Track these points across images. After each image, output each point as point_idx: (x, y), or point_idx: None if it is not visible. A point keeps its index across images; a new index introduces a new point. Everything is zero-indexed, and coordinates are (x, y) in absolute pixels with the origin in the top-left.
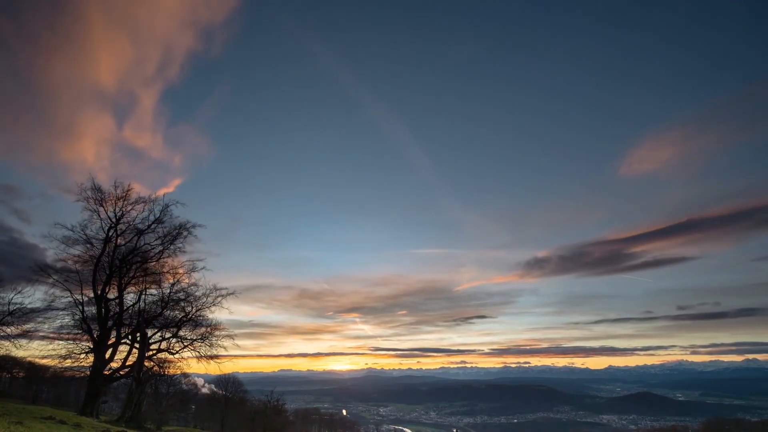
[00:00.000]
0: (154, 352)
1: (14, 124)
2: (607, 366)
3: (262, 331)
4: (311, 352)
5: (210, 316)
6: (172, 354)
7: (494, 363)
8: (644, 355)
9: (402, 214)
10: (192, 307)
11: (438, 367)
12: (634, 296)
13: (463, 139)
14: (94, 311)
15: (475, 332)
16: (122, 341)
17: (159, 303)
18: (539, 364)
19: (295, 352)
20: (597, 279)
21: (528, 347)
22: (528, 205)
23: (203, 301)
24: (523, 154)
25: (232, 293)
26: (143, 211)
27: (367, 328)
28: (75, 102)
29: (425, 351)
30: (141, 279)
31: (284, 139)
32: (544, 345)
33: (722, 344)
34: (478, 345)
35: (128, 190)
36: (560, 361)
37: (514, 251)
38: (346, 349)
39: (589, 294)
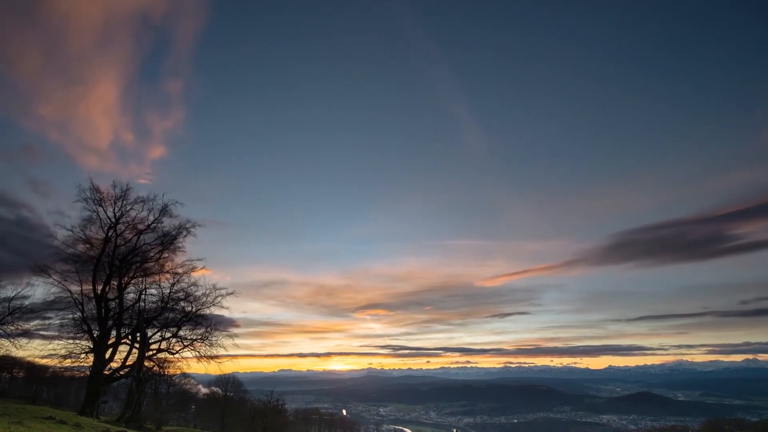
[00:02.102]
0: (154, 352)
1: (21, 62)
2: (607, 366)
3: (271, 330)
4: (322, 351)
5: (218, 313)
6: (172, 354)
7: (501, 363)
8: (674, 354)
9: (438, 199)
10: (192, 307)
11: (438, 366)
12: (690, 289)
13: (524, 111)
14: (94, 311)
15: (500, 330)
16: (122, 341)
17: (159, 303)
18: (559, 364)
19: (306, 351)
20: (652, 270)
21: (558, 346)
22: (583, 189)
23: (203, 300)
24: (587, 129)
25: (231, 293)
26: (142, 210)
27: (378, 327)
28: (98, 28)
29: (447, 350)
30: (141, 279)
31: (313, 117)
32: (578, 343)
33: (757, 343)
34: (502, 344)
35: (127, 190)
36: (591, 362)
37: (558, 241)
38: (357, 349)
39: (634, 290)
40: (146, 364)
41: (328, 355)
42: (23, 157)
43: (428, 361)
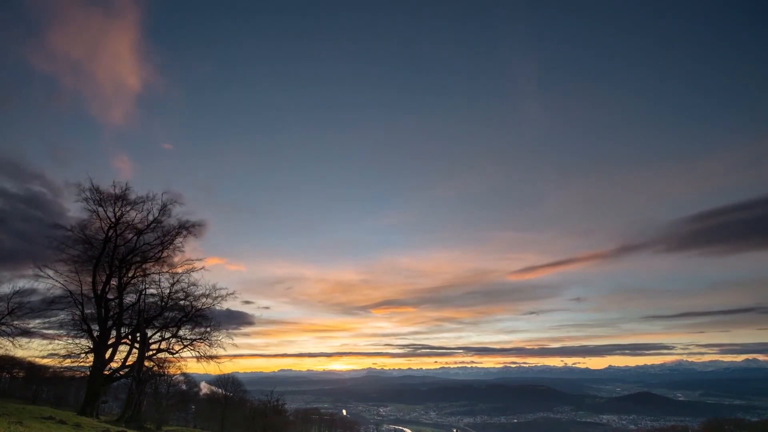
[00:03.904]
0: (154, 352)
1: None
2: (607, 366)
3: (278, 329)
4: (332, 351)
5: (238, 309)
6: (172, 354)
7: (505, 363)
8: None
9: (480, 185)
10: (191, 307)
11: (438, 366)
12: (741, 282)
13: (592, 81)
14: (94, 311)
15: (527, 329)
16: (122, 341)
17: (159, 303)
18: (580, 364)
19: (315, 351)
20: (705, 261)
21: (586, 344)
22: (641, 171)
23: (203, 300)
24: (654, 105)
25: (231, 293)
26: (142, 210)
27: (390, 325)
28: None
29: (468, 350)
30: (141, 279)
31: (339, 95)
32: (609, 341)
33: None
34: (528, 342)
35: (127, 190)
36: (596, 362)
37: (598, 233)
38: (369, 348)
39: (678, 283)
40: (146, 364)
41: (339, 354)
42: (40, 107)
43: (435, 362)
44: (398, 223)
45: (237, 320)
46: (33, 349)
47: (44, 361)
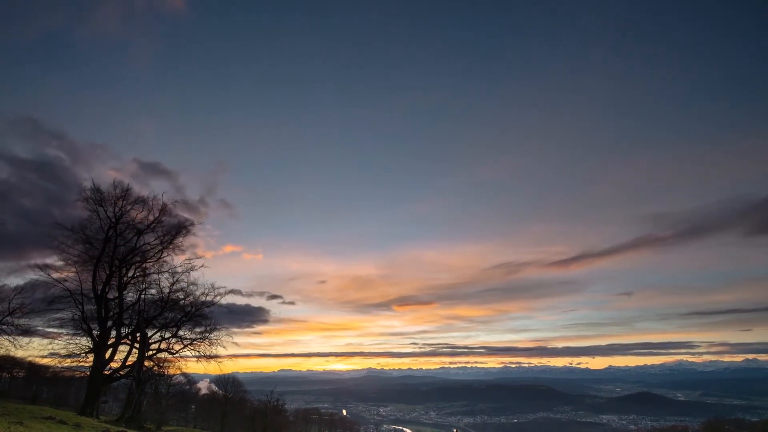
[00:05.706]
0: (154, 352)
1: None
2: (607, 366)
3: (286, 328)
4: (339, 350)
5: (258, 305)
6: (172, 354)
7: (518, 362)
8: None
9: (521, 169)
10: (191, 307)
11: (438, 366)
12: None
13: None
14: (94, 311)
15: (554, 327)
16: (122, 341)
17: (159, 303)
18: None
19: (324, 350)
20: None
21: (613, 343)
22: (709, 146)
23: (203, 300)
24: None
25: (230, 292)
26: (142, 210)
27: (399, 324)
28: None
29: (490, 351)
30: (141, 278)
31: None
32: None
33: None
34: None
35: (127, 190)
36: (599, 362)
37: (639, 223)
38: (379, 348)
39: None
40: (146, 364)
41: (349, 355)
42: (60, 32)
43: (449, 361)
44: (425, 213)
45: (252, 316)
46: (33, 349)
47: (44, 361)
